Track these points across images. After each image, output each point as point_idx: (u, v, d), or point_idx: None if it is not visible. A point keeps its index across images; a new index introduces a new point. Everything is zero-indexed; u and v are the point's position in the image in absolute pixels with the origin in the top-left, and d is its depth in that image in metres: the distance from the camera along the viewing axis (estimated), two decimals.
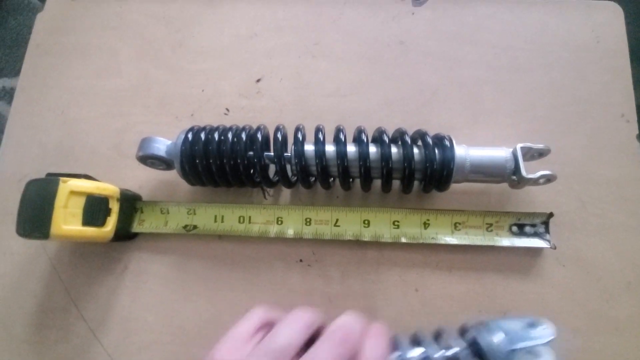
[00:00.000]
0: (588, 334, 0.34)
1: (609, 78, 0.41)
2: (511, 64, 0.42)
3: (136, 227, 0.38)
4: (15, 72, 0.46)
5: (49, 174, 0.34)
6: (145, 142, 0.36)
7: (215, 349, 0.24)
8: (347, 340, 0.23)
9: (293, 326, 0.24)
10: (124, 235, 0.37)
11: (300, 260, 0.37)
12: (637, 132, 0.39)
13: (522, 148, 0.35)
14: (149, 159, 0.36)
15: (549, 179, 0.34)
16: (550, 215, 0.36)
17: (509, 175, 0.35)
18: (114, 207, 0.35)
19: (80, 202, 0.33)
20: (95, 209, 0.34)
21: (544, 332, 0.26)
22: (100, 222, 0.34)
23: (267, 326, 0.25)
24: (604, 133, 0.40)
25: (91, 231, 0.33)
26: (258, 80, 0.44)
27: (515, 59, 0.42)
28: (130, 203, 0.38)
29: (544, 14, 0.44)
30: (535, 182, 0.34)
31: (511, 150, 0.35)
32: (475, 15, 0.44)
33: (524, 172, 0.34)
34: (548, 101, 0.41)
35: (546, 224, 0.36)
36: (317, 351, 0.22)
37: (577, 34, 0.43)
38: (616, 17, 0.44)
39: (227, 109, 0.43)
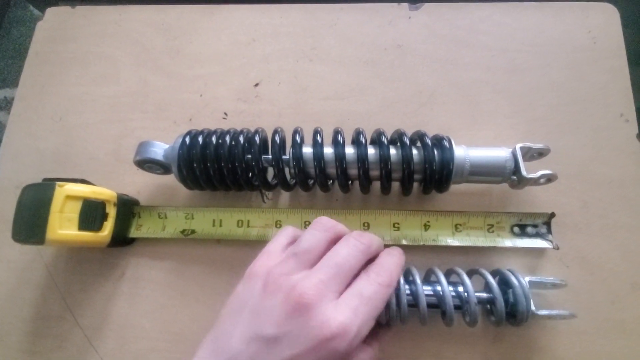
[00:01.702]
0: (594, 336, 0.34)
1: (607, 78, 0.41)
2: (508, 65, 0.42)
3: (133, 232, 0.37)
4: (17, 82, 0.46)
5: (45, 179, 0.34)
6: (142, 146, 0.36)
7: (252, 264, 0.28)
8: (363, 242, 0.28)
9: (314, 231, 0.28)
10: (121, 240, 0.37)
11: None
12: (636, 131, 0.39)
13: (521, 148, 0.34)
14: (146, 163, 0.36)
15: (549, 179, 0.34)
16: (552, 215, 0.36)
17: (509, 175, 0.34)
18: (111, 211, 0.35)
19: (77, 206, 0.33)
20: (91, 214, 0.33)
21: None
22: (97, 227, 0.34)
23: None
24: (603, 133, 0.39)
25: (87, 236, 0.33)
26: (256, 85, 0.44)
27: (512, 61, 0.43)
28: (128, 208, 0.37)
29: (540, 16, 0.44)
30: (535, 182, 0.34)
31: (511, 150, 0.35)
32: (470, 19, 0.45)
33: (524, 172, 0.33)
34: (547, 102, 0.41)
35: (548, 224, 0.36)
36: (337, 247, 0.27)
37: (573, 35, 0.43)
38: (612, 18, 0.44)
39: (226, 114, 0.43)
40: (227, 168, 0.35)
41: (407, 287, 0.31)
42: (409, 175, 0.34)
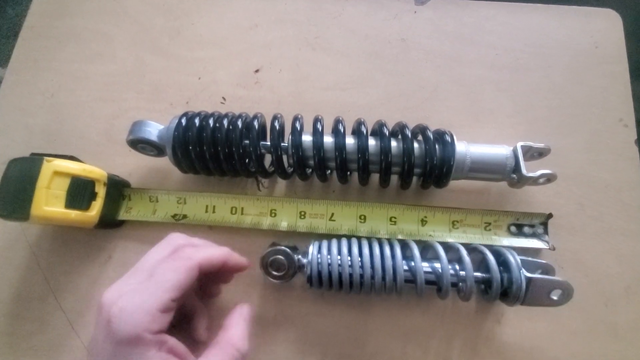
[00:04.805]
0: (586, 338, 0.33)
1: (608, 83, 0.41)
2: (511, 65, 0.42)
3: (123, 215, 0.36)
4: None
5: (33, 154, 0.33)
6: (136, 125, 0.35)
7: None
8: (169, 238, 0.29)
9: (157, 248, 0.28)
10: (109, 222, 0.36)
11: None
12: (635, 137, 0.39)
13: (522, 147, 0.34)
14: (139, 143, 0.35)
15: (549, 179, 0.34)
16: (550, 216, 0.36)
17: (509, 173, 0.34)
18: (100, 191, 0.34)
19: (65, 183, 0.31)
20: (80, 192, 0.32)
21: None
22: (85, 206, 0.32)
23: None
24: (602, 137, 0.40)
25: (74, 214, 0.32)
26: (256, 71, 0.43)
27: (515, 60, 0.42)
28: (118, 189, 0.36)
29: (544, 18, 0.44)
30: (535, 181, 0.34)
31: (512, 148, 0.34)
32: (476, 17, 0.44)
33: (524, 171, 0.33)
34: (547, 103, 0.41)
35: (545, 225, 0.36)
36: (153, 249, 0.28)
37: (576, 38, 0.43)
38: (614, 25, 0.44)
39: (224, 98, 0.42)
40: (223, 152, 0.34)
41: (404, 262, 0.31)
42: (409, 168, 0.33)
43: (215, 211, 0.37)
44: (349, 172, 0.36)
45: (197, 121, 0.34)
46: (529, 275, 0.29)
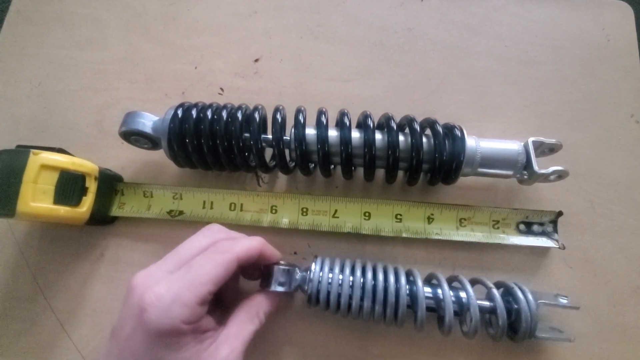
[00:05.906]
0: (594, 339, 0.33)
1: (620, 77, 0.40)
2: (521, 58, 0.41)
3: (115, 211, 0.35)
4: None
5: (18, 146, 0.31)
6: (129, 116, 0.33)
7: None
8: (208, 230, 0.28)
9: (198, 236, 0.28)
10: (101, 218, 0.34)
11: (295, 253, 0.35)
12: None
13: (534, 142, 0.33)
14: (132, 136, 0.33)
15: (560, 175, 0.33)
16: (560, 214, 0.35)
17: (519, 169, 0.33)
18: (91, 186, 0.32)
19: (53, 178, 0.30)
20: (69, 187, 0.30)
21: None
22: (75, 202, 0.31)
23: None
24: (613, 133, 0.38)
25: (64, 211, 0.30)
26: (256, 60, 0.41)
27: (525, 53, 0.41)
28: (110, 183, 0.34)
29: (555, 10, 0.43)
30: (546, 178, 0.32)
31: (522, 144, 0.33)
32: (485, 7, 0.43)
33: (536, 167, 0.32)
34: (557, 97, 0.40)
35: (554, 223, 0.35)
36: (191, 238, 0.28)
37: (587, 31, 0.42)
38: (626, 17, 0.43)
39: (222, 89, 0.40)
40: (222, 146, 0.32)
41: (407, 287, 0.29)
42: (417, 164, 0.32)
43: (213, 207, 0.35)
44: (353, 168, 0.34)
45: (194, 112, 0.32)
46: (539, 336, 0.29)
